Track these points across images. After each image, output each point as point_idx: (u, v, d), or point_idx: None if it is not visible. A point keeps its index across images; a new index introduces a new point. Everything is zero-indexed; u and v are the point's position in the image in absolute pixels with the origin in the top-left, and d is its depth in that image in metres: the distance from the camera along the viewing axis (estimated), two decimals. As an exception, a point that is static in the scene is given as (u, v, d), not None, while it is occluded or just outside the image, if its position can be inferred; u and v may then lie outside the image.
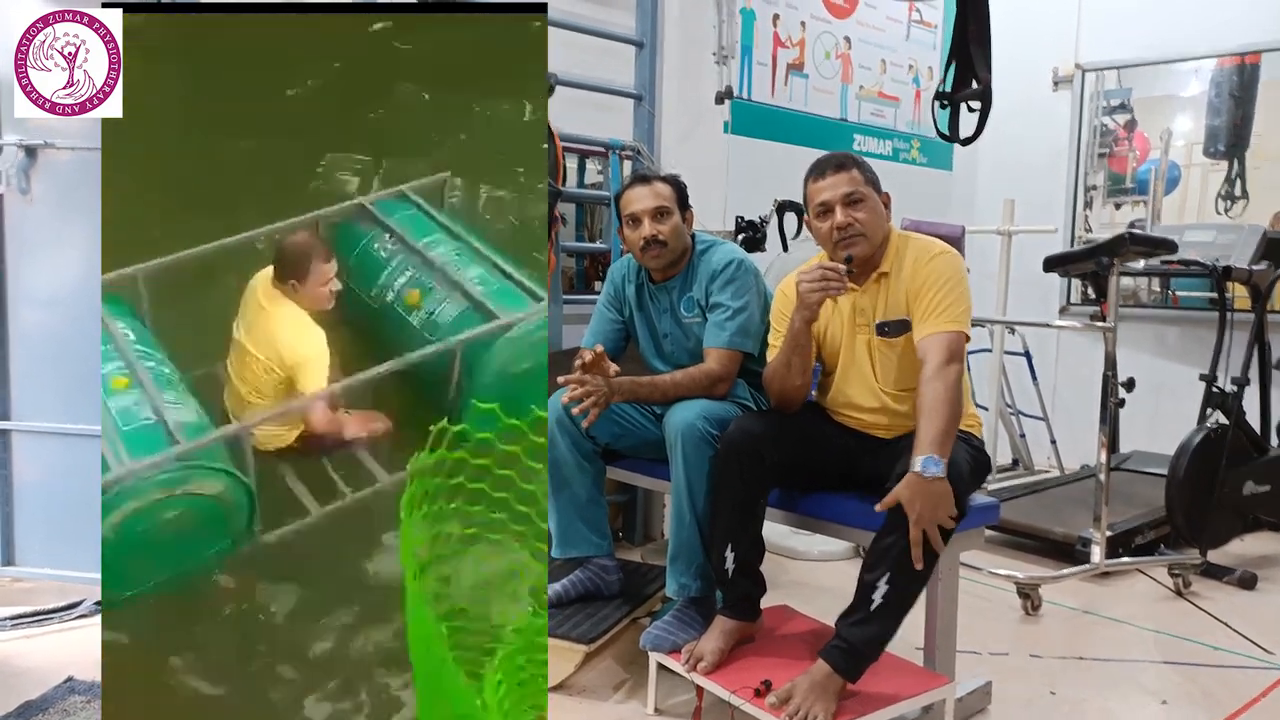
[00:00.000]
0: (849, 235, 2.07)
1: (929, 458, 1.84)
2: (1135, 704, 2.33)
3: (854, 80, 4.47)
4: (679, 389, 2.31)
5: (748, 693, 1.94)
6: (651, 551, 3.38)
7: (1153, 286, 4.93)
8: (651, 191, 2.40)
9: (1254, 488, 3.35)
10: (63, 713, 2.08)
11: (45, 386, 2.86)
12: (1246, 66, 4.59)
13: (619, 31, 3.59)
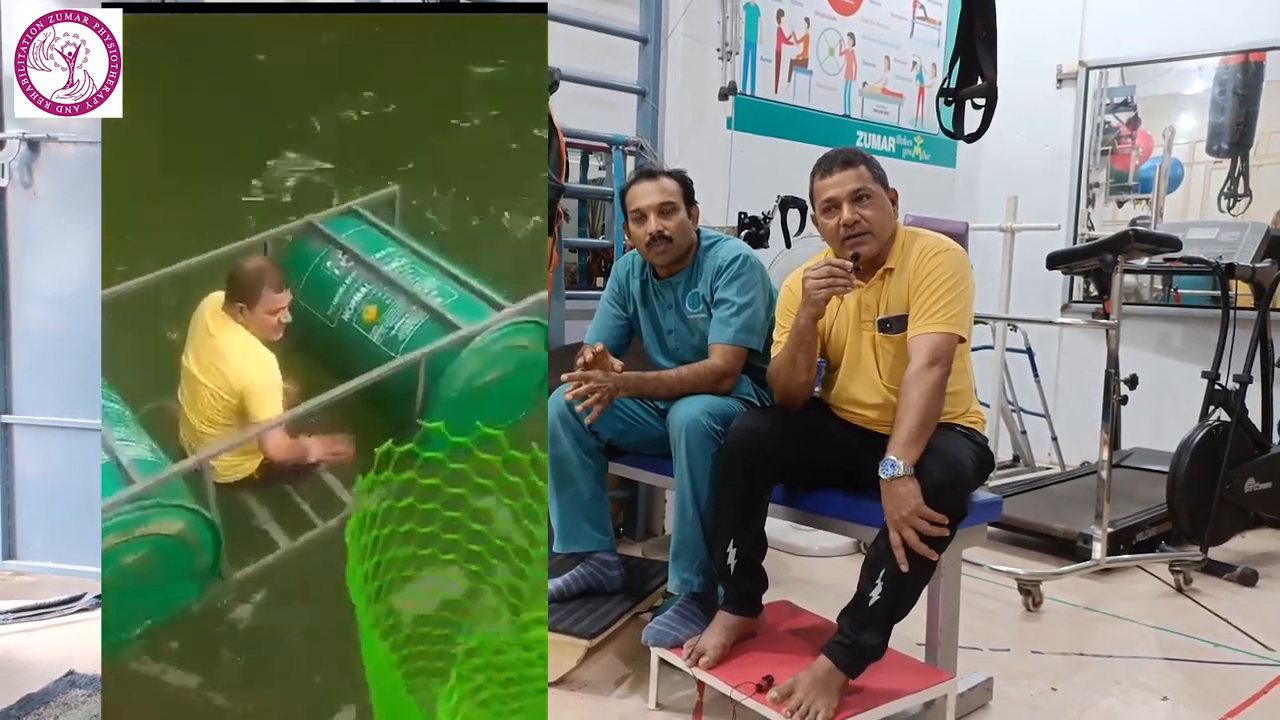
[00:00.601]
0: (856, 233, 2.06)
1: (888, 460, 1.88)
2: (1136, 700, 2.33)
3: (858, 77, 4.46)
4: (684, 384, 2.30)
5: (749, 688, 1.94)
6: (653, 547, 3.38)
7: (1155, 284, 4.92)
8: (657, 187, 2.40)
9: (1255, 485, 3.35)
10: (64, 706, 2.08)
11: (47, 380, 2.86)
12: (1251, 64, 4.58)
13: (623, 27, 3.58)
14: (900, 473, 1.86)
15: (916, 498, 1.84)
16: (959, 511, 1.92)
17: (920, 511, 1.83)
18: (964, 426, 2.13)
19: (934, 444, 1.93)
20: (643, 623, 2.27)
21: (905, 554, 1.84)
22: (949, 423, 2.09)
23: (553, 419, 2.38)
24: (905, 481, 1.86)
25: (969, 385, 2.19)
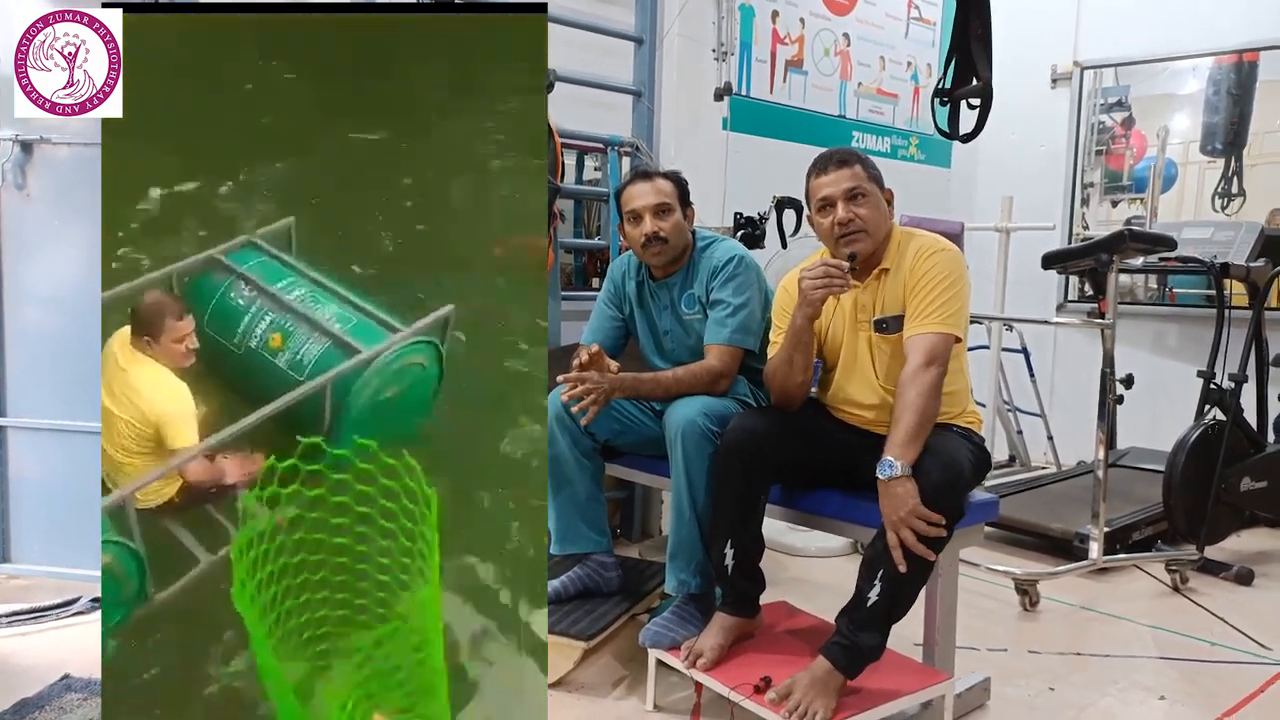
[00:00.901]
0: (851, 231, 2.06)
1: (885, 460, 1.88)
2: (1133, 700, 2.33)
3: (853, 77, 4.47)
4: (680, 385, 2.30)
5: (747, 689, 1.94)
6: (650, 548, 3.38)
7: (1150, 284, 4.93)
8: (653, 188, 2.39)
9: (1251, 484, 3.36)
10: (59, 710, 2.07)
11: (42, 383, 2.85)
12: (1244, 64, 4.60)
13: (618, 28, 3.58)
14: (898, 473, 1.86)
15: (914, 498, 1.84)
16: (956, 511, 1.92)
17: (918, 512, 1.83)
18: (961, 426, 2.13)
19: (931, 444, 1.93)
20: (640, 624, 2.27)
21: (903, 554, 1.85)
22: (946, 423, 2.09)
23: (549, 420, 2.37)
24: (903, 482, 1.86)
25: (965, 385, 2.19)
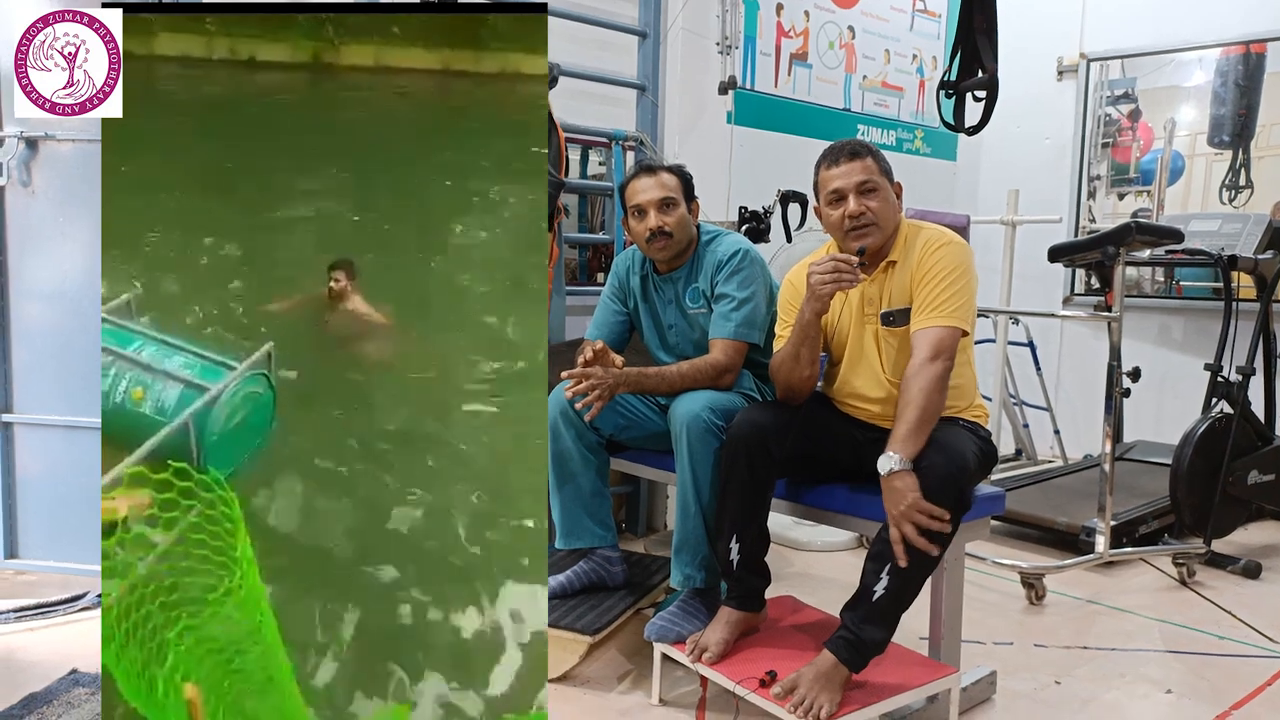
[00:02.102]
0: (861, 224, 2.05)
1: (887, 455, 1.88)
2: (1140, 694, 2.32)
3: (858, 70, 4.44)
4: (684, 380, 2.30)
5: (753, 683, 1.94)
6: (655, 543, 3.38)
7: (1156, 277, 4.91)
8: (657, 182, 2.39)
9: (1258, 477, 3.35)
10: (67, 705, 2.08)
11: (47, 379, 2.86)
12: (1252, 56, 4.57)
13: (622, 22, 3.57)
14: (899, 468, 1.86)
15: (915, 492, 1.84)
16: (962, 505, 1.92)
17: (919, 506, 1.83)
18: (967, 420, 2.12)
19: (937, 437, 1.92)
20: (645, 619, 2.27)
21: (904, 549, 1.84)
22: (952, 416, 2.08)
23: (554, 416, 2.37)
24: (904, 476, 1.85)
25: (972, 379, 2.18)
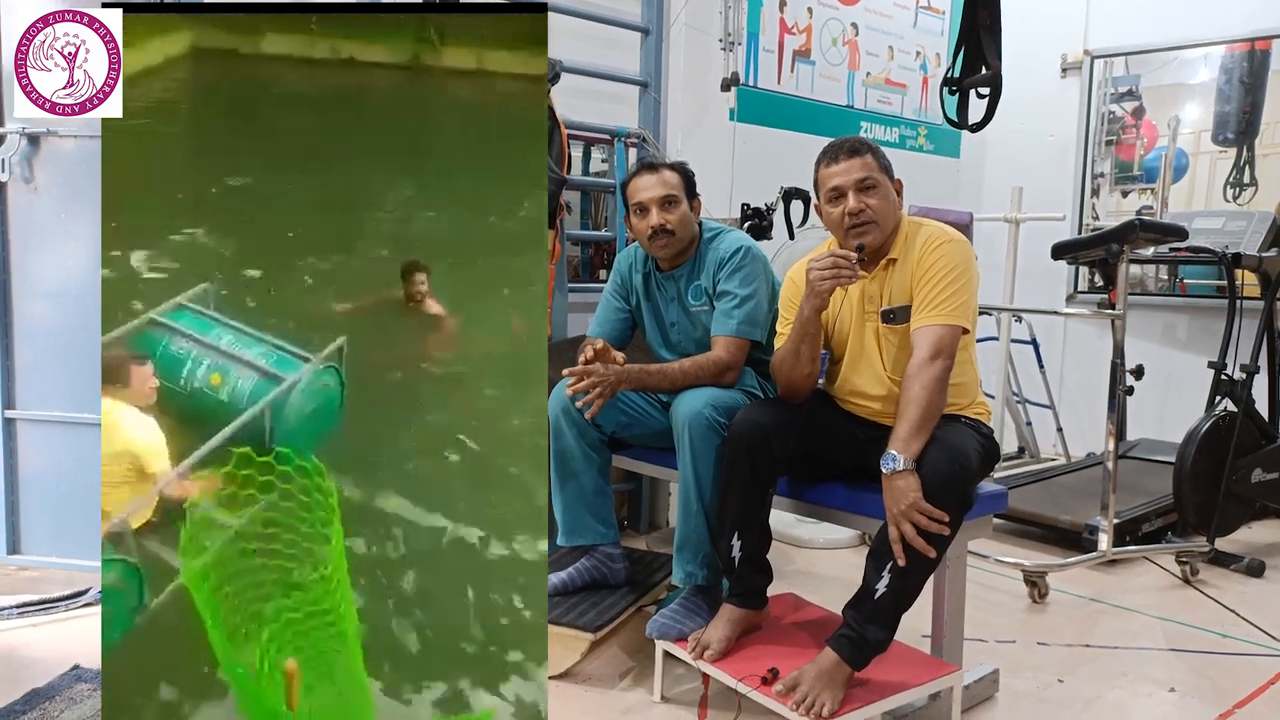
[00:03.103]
0: (861, 222, 2.05)
1: (888, 454, 1.87)
2: (1143, 692, 2.32)
3: (861, 67, 4.43)
4: (687, 377, 2.30)
5: (754, 681, 1.93)
6: (657, 540, 3.38)
7: (1160, 274, 4.90)
8: (659, 180, 2.39)
9: (1262, 475, 3.34)
10: (69, 700, 2.08)
11: (50, 375, 2.86)
12: (1256, 53, 4.55)
13: (624, 18, 3.57)
14: (900, 467, 1.85)
15: (915, 492, 1.83)
16: (964, 503, 1.92)
17: (919, 506, 1.82)
18: (969, 418, 2.12)
19: (939, 435, 1.92)
20: (647, 616, 2.27)
21: (903, 549, 1.84)
22: (954, 414, 2.08)
23: (555, 414, 2.37)
24: (905, 476, 1.85)
25: (974, 376, 2.18)
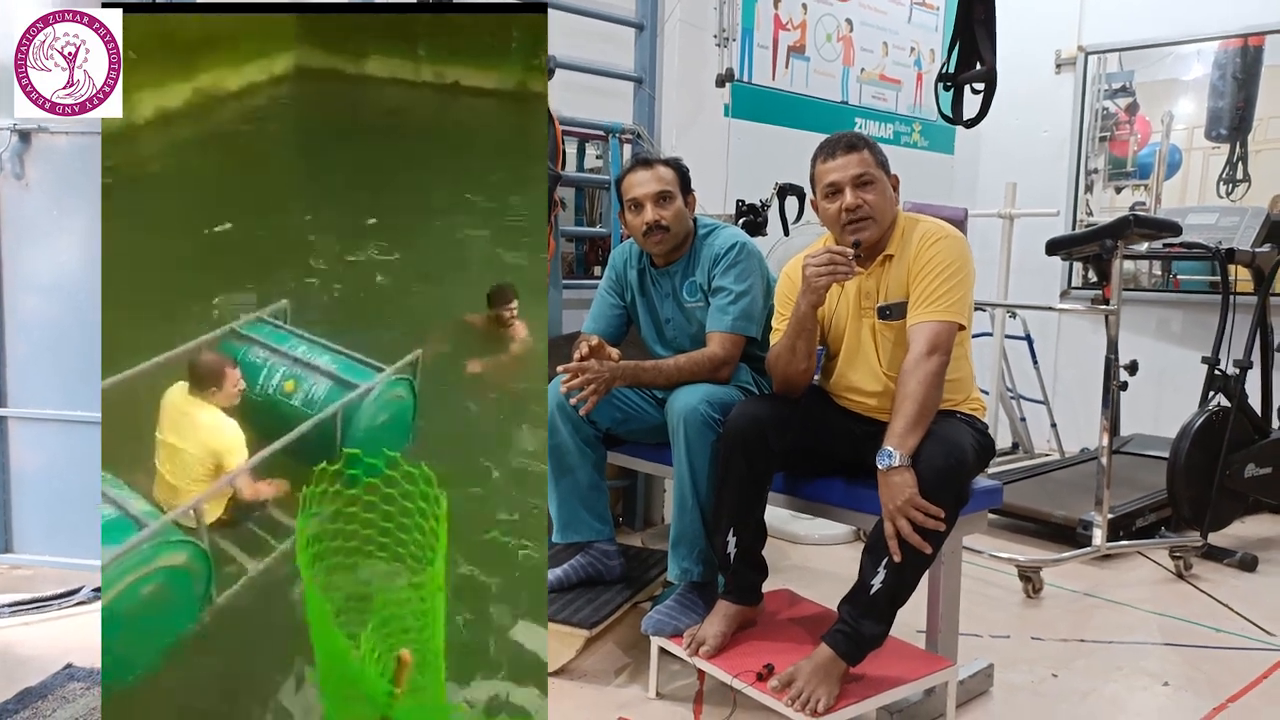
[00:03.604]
0: (858, 218, 2.05)
1: (884, 450, 1.88)
2: (1137, 686, 2.33)
3: (855, 63, 4.44)
4: (681, 373, 2.29)
5: (750, 676, 1.94)
6: (652, 536, 3.38)
7: (1154, 270, 4.91)
8: (654, 175, 2.38)
9: (1255, 470, 3.35)
10: (62, 699, 2.07)
11: (43, 373, 2.85)
12: (1249, 48, 4.56)
13: (619, 13, 3.56)
14: (896, 463, 1.85)
15: (911, 488, 1.83)
16: (960, 498, 1.92)
17: (915, 502, 1.83)
18: (965, 413, 2.12)
19: (935, 431, 1.92)
20: (642, 612, 2.27)
21: (899, 544, 1.84)
22: (950, 410, 2.08)
23: (551, 409, 2.37)
24: (901, 471, 1.85)
25: (969, 372, 2.18)
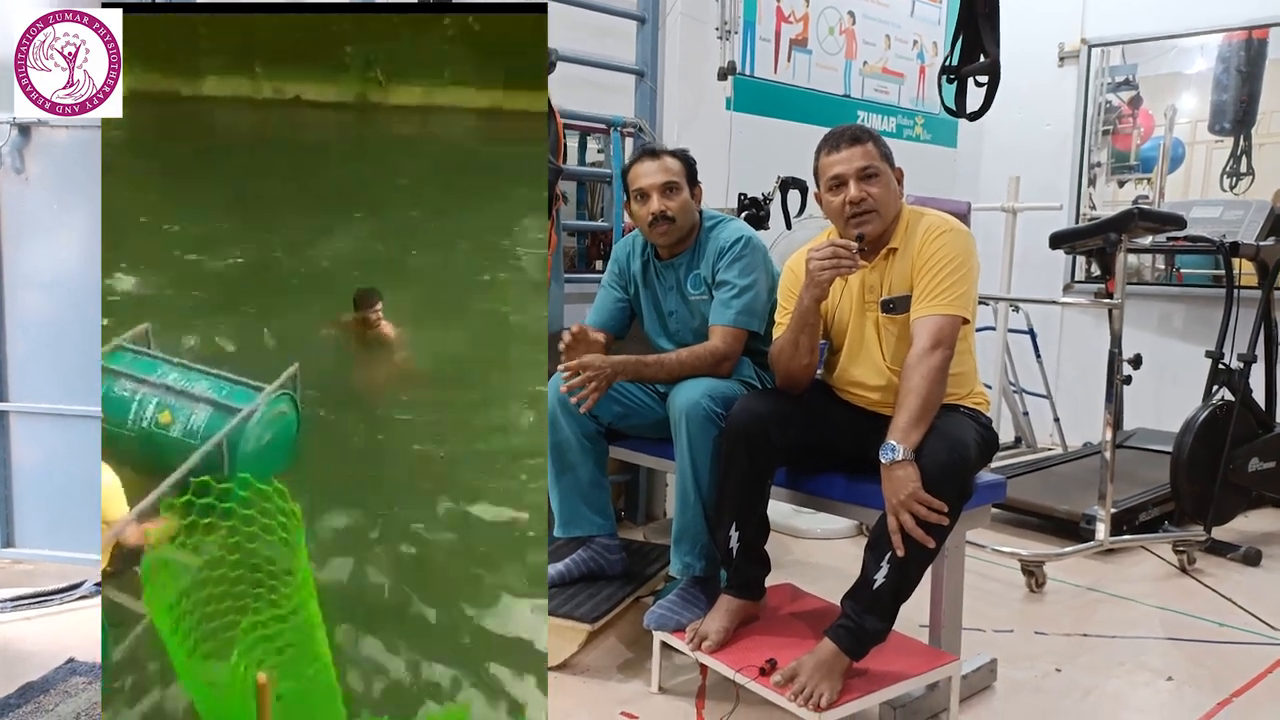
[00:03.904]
0: (862, 211, 2.04)
1: (888, 444, 1.87)
2: (1140, 681, 2.32)
3: (858, 56, 4.42)
4: (684, 367, 2.28)
5: (752, 671, 1.93)
6: (654, 531, 3.37)
7: (1157, 264, 4.90)
8: (660, 166, 2.37)
9: (1259, 464, 3.34)
10: (64, 694, 2.07)
11: (43, 368, 2.84)
12: (1254, 41, 4.54)
13: (620, 6, 3.54)
14: (899, 457, 1.85)
15: (915, 482, 1.83)
16: (963, 493, 1.91)
17: (918, 497, 1.82)
18: (968, 408, 2.11)
19: (938, 425, 1.91)
20: (644, 607, 2.27)
21: (902, 539, 1.83)
22: (953, 404, 2.07)
23: (552, 405, 2.36)
24: (904, 466, 1.84)
25: (973, 366, 2.17)
